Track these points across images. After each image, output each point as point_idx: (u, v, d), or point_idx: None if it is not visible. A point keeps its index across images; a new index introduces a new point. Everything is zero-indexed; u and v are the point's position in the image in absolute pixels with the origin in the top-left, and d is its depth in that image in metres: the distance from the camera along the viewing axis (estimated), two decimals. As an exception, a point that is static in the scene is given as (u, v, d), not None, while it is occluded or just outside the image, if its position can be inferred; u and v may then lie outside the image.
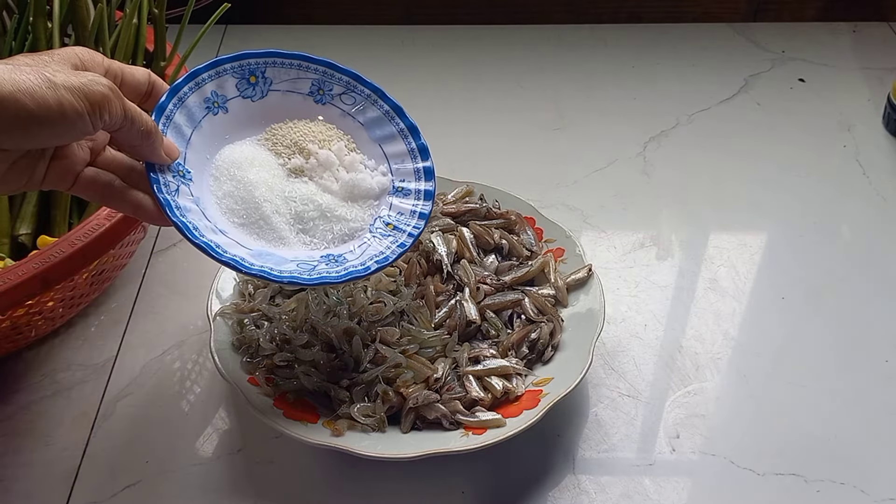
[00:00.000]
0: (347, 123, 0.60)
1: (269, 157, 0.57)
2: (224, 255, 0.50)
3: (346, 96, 0.59)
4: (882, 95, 0.92)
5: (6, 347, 0.64)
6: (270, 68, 0.57)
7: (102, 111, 0.42)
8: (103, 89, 0.42)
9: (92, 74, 0.43)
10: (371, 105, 0.59)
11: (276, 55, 0.57)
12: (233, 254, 0.51)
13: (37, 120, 0.40)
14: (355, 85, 0.59)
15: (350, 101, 0.59)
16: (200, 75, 0.54)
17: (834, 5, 1.05)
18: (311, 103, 0.59)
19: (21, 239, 0.67)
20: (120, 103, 0.43)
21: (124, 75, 0.48)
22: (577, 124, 0.91)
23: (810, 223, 0.79)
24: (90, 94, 0.41)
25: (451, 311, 0.62)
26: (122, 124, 0.44)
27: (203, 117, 0.54)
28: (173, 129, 0.52)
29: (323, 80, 0.58)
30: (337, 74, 0.59)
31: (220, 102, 0.55)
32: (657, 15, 1.06)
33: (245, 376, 0.59)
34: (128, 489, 0.58)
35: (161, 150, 0.49)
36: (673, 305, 0.71)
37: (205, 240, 0.50)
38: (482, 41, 1.03)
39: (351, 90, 0.59)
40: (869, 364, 0.67)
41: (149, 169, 0.49)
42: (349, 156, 0.58)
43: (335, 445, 0.54)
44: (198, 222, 0.51)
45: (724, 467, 0.60)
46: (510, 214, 0.70)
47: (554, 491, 0.58)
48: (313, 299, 0.62)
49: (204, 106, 0.54)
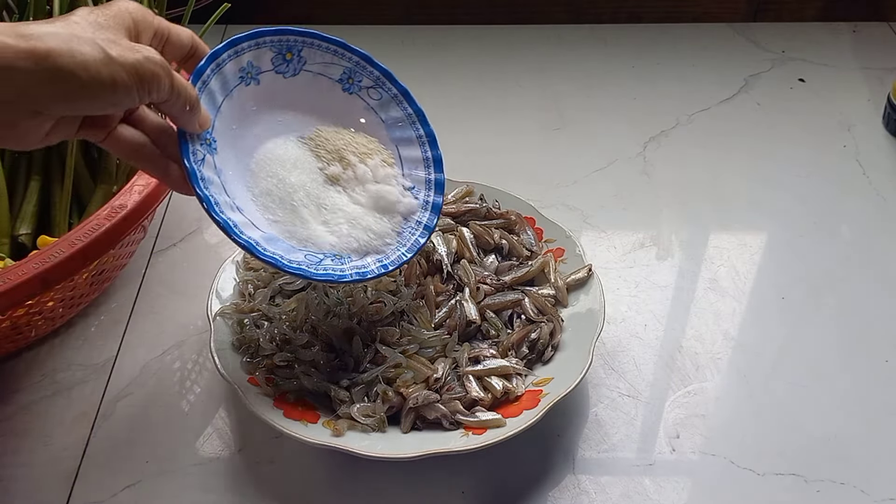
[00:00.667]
0: (370, 118, 0.60)
1: (310, 161, 0.58)
2: (241, 237, 0.51)
3: (374, 91, 0.59)
4: (882, 95, 0.92)
5: (6, 347, 0.64)
6: (307, 48, 0.57)
7: (151, 88, 0.43)
8: (155, 68, 0.43)
9: (147, 51, 0.43)
10: (396, 105, 0.60)
11: (316, 37, 0.57)
12: (248, 236, 0.52)
13: (88, 93, 0.41)
14: (384, 82, 0.59)
15: (377, 97, 0.59)
16: (240, 44, 0.53)
17: (834, 5, 1.05)
18: (338, 90, 0.59)
19: (21, 239, 0.67)
20: (169, 80, 0.44)
21: (170, 35, 0.48)
22: (577, 124, 0.91)
23: (810, 223, 0.79)
24: (143, 73, 0.42)
25: (451, 311, 0.62)
26: (168, 98, 0.45)
27: (235, 87, 0.54)
28: (207, 96, 0.52)
29: (354, 70, 0.58)
30: (369, 68, 0.59)
31: (254, 74, 0.55)
32: (657, 15, 1.06)
33: (245, 376, 0.59)
34: (128, 489, 0.58)
35: (197, 122, 0.50)
36: (673, 305, 0.71)
37: (224, 217, 0.51)
38: (482, 41, 1.03)
39: (380, 86, 0.59)
40: (869, 364, 0.67)
41: (181, 136, 0.50)
42: (384, 169, 0.59)
43: (335, 445, 0.54)
44: (218, 197, 0.51)
45: (724, 467, 0.60)
46: (510, 214, 0.70)
47: (554, 491, 0.58)
48: (313, 299, 0.62)
49: (238, 76, 0.54)
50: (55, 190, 0.70)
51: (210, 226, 0.78)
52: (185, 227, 0.79)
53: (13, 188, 0.70)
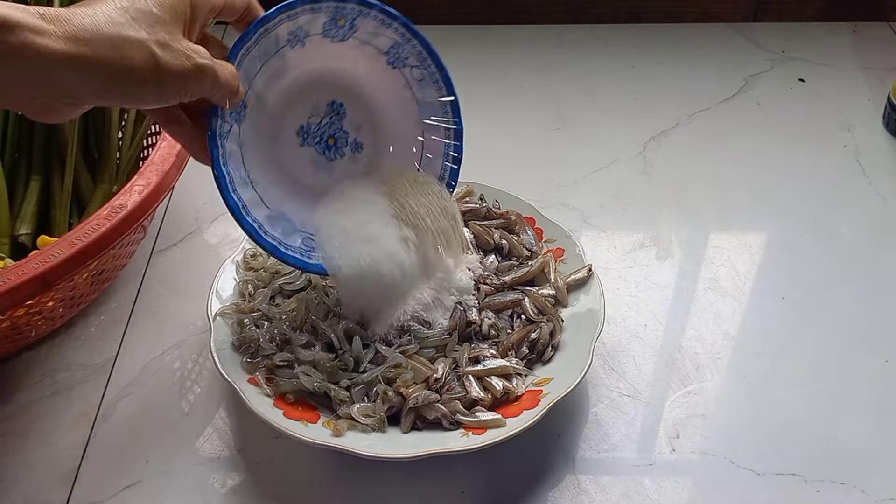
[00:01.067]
0: (405, 95, 0.59)
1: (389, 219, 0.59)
2: (246, 219, 0.53)
3: (417, 70, 0.59)
4: (882, 95, 0.92)
5: (6, 347, 0.64)
6: (362, 18, 0.55)
7: (194, 92, 0.44)
8: (202, 74, 0.43)
9: (196, 58, 0.43)
10: (436, 91, 0.59)
11: (383, 11, 0.55)
12: (254, 217, 0.53)
13: (131, 97, 0.42)
14: (429, 64, 0.59)
15: (418, 77, 0.59)
16: (295, 8, 0.52)
17: (834, 5, 1.05)
18: (382, 62, 0.58)
19: (21, 239, 0.67)
20: (213, 79, 0.44)
21: (225, 6, 0.48)
22: (577, 124, 0.91)
23: (810, 223, 0.79)
24: (189, 80, 0.43)
25: (451, 311, 0.62)
26: (210, 93, 0.46)
27: (280, 49, 0.54)
28: (248, 61, 0.51)
29: (402, 46, 0.57)
30: (418, 46, 0.58)
31: (302, 37, 0.54)
32: (657, 15, 1.05)
33: (245, 376, 0.59)
34: (128, 489, 0.58)
35: (229, 104, 0.50)
36: (673, 305, 0.71)
37: (234, 197, 0.52)
38: (482, 41, 1.03)
39: (425, 67, 0.59)
40: (869, 364, 0.67)
41: (211, 112, 0.50)
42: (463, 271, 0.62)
43: (335, 445, 0.54)
44: (234, 172, 0.52)
45: (724, 467, 0.60)
46: (510, 214, 0.70)
47: (554, 491, 0.58)
48: (313, 299, 0.62)
49: (286, 38, 0.53)
50: (55, 190, 0.70)
51: (210, 226, 0.78)
52: (185, 227, 0.78)
53: (13, 188, 0.70)
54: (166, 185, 0.63)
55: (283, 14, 0.51)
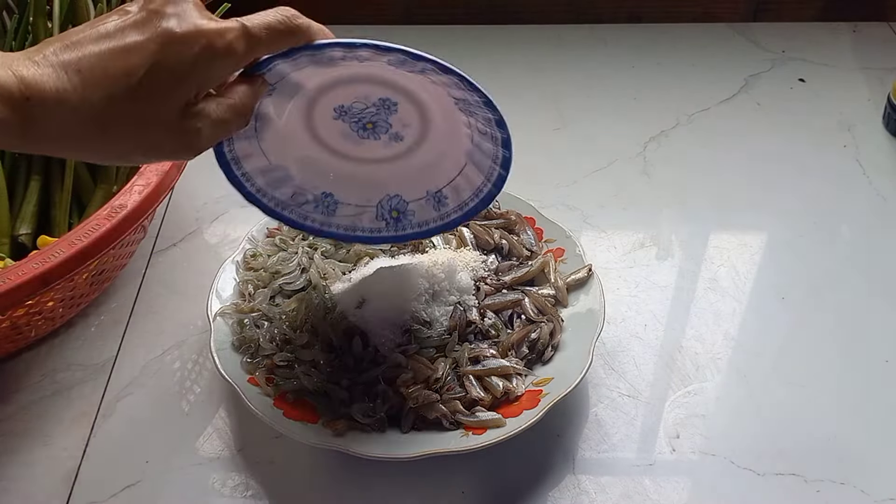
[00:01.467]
0: (463, 131, 0.56)
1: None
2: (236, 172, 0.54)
3: (482, 126, 0.54)
4: (882, 95, 0.92)
5: (6, 347, 0.64)
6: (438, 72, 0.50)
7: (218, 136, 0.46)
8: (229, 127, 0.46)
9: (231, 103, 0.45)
10: (493, 146, 0.55)
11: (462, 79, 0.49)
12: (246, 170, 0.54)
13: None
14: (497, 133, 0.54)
15: (481, 130, 0.55)
16: (356, 49, 0.49)
17: (834, 5, 1.05)
18: (451, 101, 0.54)
19: (21, 239, 0.67)
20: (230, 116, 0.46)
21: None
22: (577, 124, 0.91)
23: (810, 223, 0.79)
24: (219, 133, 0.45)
25: (451, 311, 0.62)
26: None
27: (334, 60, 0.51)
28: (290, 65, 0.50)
29: (474, 107, 0.53)
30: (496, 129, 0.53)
31: (363, 59, 0.51)
32: (657, 15, 1.05)
33: (245, 376, 0.59)
34: (128, 489, 0.58)
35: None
36: (673, 305, 0.71)
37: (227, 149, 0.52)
38: (482, 41, 1.03)
39: (490, 129, 0.54)
40: (869, 364, 0.67)
41: None
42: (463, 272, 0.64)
43: (335, 445, 0.54)
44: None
45: (724, 467, 0.60)
46: (510, 214, 0.70)
47: (554, 491, 0.58)
48: (313, 299, 0.62)
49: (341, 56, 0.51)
50: (55, 190, 0.70)
51: (210, 226, 0.78)
52: (185, 227, 0.79)
53: (13, 188, 0.70)
54: (166, 185, 0.63)
55: (340, 47, 0.49)
